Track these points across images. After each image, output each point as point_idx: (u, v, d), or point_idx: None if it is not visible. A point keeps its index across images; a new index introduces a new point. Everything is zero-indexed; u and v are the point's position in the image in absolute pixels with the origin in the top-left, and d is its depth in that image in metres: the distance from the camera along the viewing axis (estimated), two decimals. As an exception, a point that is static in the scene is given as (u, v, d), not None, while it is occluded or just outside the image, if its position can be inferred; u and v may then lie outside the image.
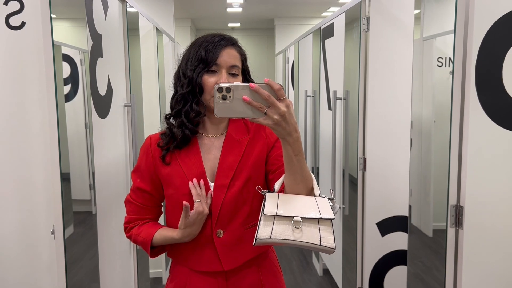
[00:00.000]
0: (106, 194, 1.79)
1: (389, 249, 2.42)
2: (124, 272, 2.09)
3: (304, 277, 3.49)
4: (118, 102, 1.97)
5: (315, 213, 1.01)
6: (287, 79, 5.00)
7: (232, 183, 1.17)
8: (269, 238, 1.00)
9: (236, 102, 0.93)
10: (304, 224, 1.01)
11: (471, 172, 1.35)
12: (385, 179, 2.36)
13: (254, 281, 1.23)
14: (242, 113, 0.94)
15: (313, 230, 1.00)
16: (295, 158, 1.00)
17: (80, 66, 4.52)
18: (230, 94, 0.93)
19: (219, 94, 0.93)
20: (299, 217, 1.00)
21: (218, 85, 0.93)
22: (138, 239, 1.23)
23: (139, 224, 1.25)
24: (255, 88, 0.92)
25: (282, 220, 1.01)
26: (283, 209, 1.02)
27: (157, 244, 1.22)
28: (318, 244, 1.00)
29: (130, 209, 1.27)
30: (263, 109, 0.92)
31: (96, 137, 1.70)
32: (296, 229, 1.00)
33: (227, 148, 1.20)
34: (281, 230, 1.00)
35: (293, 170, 1.02)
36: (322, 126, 3.39)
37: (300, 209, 1.02)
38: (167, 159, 1.20)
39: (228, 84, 0.93)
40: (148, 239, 1.20)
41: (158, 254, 1.28)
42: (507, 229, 1.39)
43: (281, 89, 0.93)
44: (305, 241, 1.00)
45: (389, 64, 2.31)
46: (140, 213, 1.25)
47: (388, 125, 2.34)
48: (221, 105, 0.94)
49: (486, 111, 1.33)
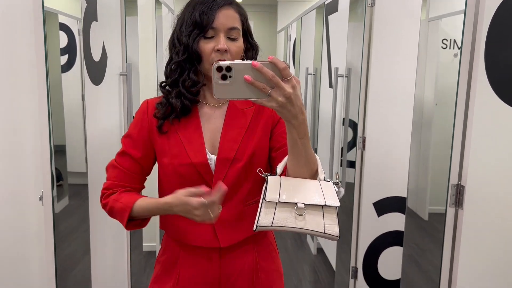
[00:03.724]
0: (99, 165, 1.75)
1: (384, 230, 2.40)
2: (116, 245, 2.07)
3: (298, 256, 3.49)
4: (113, 70, 1.91)
5: (319, 199, 0.95)
6: (288, 57, 4.92)
7: (236, 158, 1.10)
8: (270, 225, 0.95)
9: (237, 82, 0.85)
10: (308, 211, 0.95)
11: (474, 152, 1.32)
12: (384, 159, 2.33)
13: (249, 260, 1.18)
14: (243, 95, 0.86)
15: (316, 218, 0.95)
16: (300, 142, 0.93)
17: (78, 36, 4.40)
18: (230, 74, 0.85)
19: (218, 74, 0.85)
20: (302, 203, 0.95)
21: (217, 64, 0.85)
22: (115, 206, 1.09)
23: (119, 191, 1.13)
24: (258, 67, 0.83)
25: (284, 207, 0.96)
26: (285, 194, 0.96)
27: (139, 211, 1.07)
28: (322, 232, 0.95)
29: (113, 175, 1.14)
30: (266, 90, 0.84)
31: (89, 105, 1.65)
32: (299, 216, 0.95)
33: (230, 118, 1.13)
34: (283, 217, 0.95)
35: (297, 153, 0.95)
36: (322, 104, 3.34)
37: (303, 195, 0.96)
38: (164, 128, 1.12)
39: (229, 63, 0.85)
40: (128, 205, 1.07)
41: (135, 228, 1.14)
42: (507, 211, 1.37)
43: (287, 68, 0.84)
44: (308, 229, 0.95)
45: (394, 42, 2.24)
46: (124, 179, 1.13)
47: (390, 104, 2.30)
48: (220, 85, 0.85)
49: (494, 88, 1.29)
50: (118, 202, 1.09)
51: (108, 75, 1.84)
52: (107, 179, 1.15)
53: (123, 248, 2.17)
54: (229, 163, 1.10)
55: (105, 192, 1.14)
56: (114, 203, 1.10)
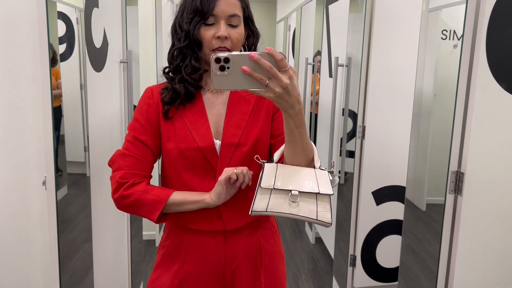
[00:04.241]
0: (100, 152, 1.76)
1: (383, 218, 2.42)
2: (117, 233, 2.08)
3: (297, 245, 3.52)
4: (114, 57, 1.91)
5: (313, 187, 0.99)
6: (287, 47, 4.91)
7: (240, 143, 1.11)
8: (265, 210, 0.99)
9: (235, 73, 0.87)
10: (301, 198, 0.99)
11: (475, 138, 1.33)
12: (384, 149, 2.34)
13: (253, 241, 1.20)
14: (241, 85, 0.88)
15: (310, 205, 0.99)
16: (297, 131, 0.96)
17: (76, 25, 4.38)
18: (228, 65, 0.87)
19: (216, 65, 0.87)
20: (296, 191, 0.99)
21: (215, 55, 0.87)
22: (146, 198, 1.07)
23: (142, 181, 1.11)
24: (256, 58, 0.86)
25: (279, 193, 0.99)
26: (280, 181, 1.00)
27: (173, 204, 1.09)
28: (314, 218, 0.99)
29: (126, 164, 1.11)
30: (264, 81, 0.87)
31: (91, 92, 1.65)
32: (293, 203, 0.99)
33: (233, 104, 1.14)
34: (277, 203, 0.99)
35: (294, 142, 0.99)
36: (322, 94, 3.34)
37: (298, 182, 1.00)
38: (169, 114, 1.13)
39: (227, 54, 0.87)
40: (163, 197, 1.07)
41: (163, 221, 1.17)
42: (506, 198, 1.38)
43: (284, 59, 0.87)
44: (301, 215, 0.99)
45: (395, 32, 2.25)
46: (139, 167, 1.11)
47: (390, 94, 2.30)
48: (218, 76, 0.88)
49: (495, 76, 1.29)
50: (149, 195, 1.08)
51: (109, 62, 1.84)
52: (120, 168, 1.11)
53: (123, 236, 2.19)
54: (233, 148, 1.11)
55: (123, 181, 1.09)
56: (142, 196, 1.08)
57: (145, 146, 1.13)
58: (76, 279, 1.60)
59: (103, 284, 1.86)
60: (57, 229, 1.33)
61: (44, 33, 1.27)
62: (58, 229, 1.33)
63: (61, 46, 4.96)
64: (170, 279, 1.18)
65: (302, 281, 2.93)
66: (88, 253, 1.70)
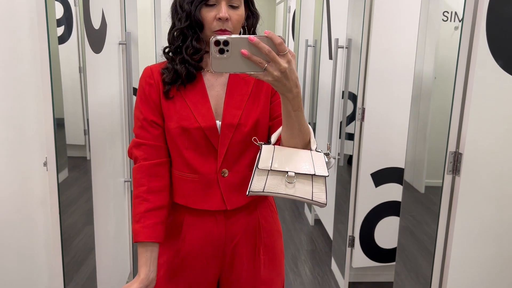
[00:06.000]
0: (100, 133, 1.76)
1: (381, 200, 2.44)
2: (118, 215, 2.10)
3: (296, 226, 3.55)
4: (112, 38, 1.90)
5: (309, 169, 1.02)
6: (287, 29, 4.87)
7: (240, 123, 1.13)
8: (262, 191, 1.02)
9: (234, 56, 0.87)
10: (298, 179, 1.02)
11: (473, 119, 1.33)
12: (383, 131, 2.35)
13: (252, 219, 1.22)
14: (240, 68, 0.89)
15: (305, 186, 1.02)
16: (294, 114, 0.97)
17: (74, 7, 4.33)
18: (227, 48, 0.87)
19: (215, 48, 0.87)
20: (293, 172, 1.01)
21: (214, 37, 0.87)
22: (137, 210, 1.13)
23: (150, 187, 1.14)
24: (255, 41, 0.86)
25: (276, 174, 1.02)
26: (277, 163, 1.02)
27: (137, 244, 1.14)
28: (310, 199, 1.02)
29: (143, 155, 1.14)
30: (263, 64, 0.87)
31: (90, 75, 1.64)
32: (289, 184, 1.01)
33: (232, 86, 1.15)
34: (274, 184, 1.02)
35: (291, 125, 1.00)
36: (321, 76, 3.33)
37: (294, 164, 1.02)
38: (170, 94, 1.13)
39: (226, 37, 0.87)
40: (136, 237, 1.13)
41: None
42: (504, 178, 1.39)
43: (283, 43, 0.87)
44: (297, 196, 1.02)
45: (395, 13, 2.23)
46: (153, 155, 1.15)
47: (390, 76, 2.30)
48: (217, 59, 0.88)
49: (493, 53, 1.29)
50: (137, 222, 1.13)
51: (108, 44, 1.83)
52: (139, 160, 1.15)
53: (124, 217, 2.21)
54: (233, 128, 1.13)
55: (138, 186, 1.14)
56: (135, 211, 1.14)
57: (155, 127, 1.15)
58: (78, 260, 1.62)
59: (105, 265, 1.89)
60: (58, 208, 1.34)
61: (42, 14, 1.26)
62: (60, 208, 1.35)
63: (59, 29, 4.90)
64: (171, 257, 1.21)
65: (301, 262, 2.97)
66: (90, 235, 1.72)
